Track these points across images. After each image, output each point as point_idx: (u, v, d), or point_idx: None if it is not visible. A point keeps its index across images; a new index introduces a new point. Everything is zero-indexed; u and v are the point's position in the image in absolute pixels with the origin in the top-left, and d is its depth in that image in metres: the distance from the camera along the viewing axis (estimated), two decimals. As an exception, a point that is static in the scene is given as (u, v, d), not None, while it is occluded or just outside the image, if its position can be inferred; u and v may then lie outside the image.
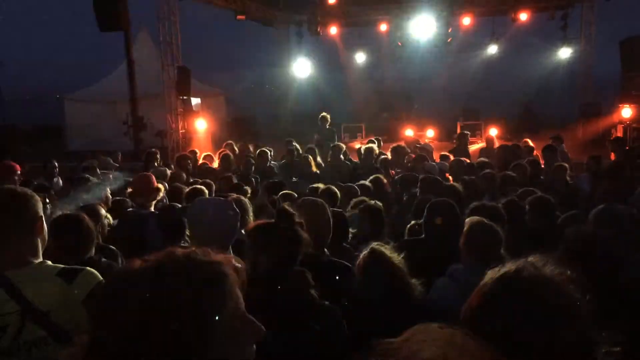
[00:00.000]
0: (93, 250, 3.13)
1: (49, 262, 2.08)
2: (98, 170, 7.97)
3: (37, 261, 2.04)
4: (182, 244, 3.66)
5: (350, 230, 4.01)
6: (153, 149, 10.11)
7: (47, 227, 2.21)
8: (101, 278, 2.05)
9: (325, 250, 3.10)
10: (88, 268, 2.09)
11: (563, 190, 6.28)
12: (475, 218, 3.13)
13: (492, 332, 1.07)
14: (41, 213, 2.12)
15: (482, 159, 8.38)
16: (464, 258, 2.98)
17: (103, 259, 3.17)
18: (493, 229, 2.98)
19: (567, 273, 1.10)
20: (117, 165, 9.32)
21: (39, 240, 2.09)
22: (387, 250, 2.82)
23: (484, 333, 1.08)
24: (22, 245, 2.02)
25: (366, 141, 11.71)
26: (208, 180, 6.62)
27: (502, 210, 4.05)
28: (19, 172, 6.48)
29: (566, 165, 7.14)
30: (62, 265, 2.07)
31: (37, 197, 2.14)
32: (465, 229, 3.04)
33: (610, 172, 6.92)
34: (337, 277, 2.84)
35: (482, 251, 2.84)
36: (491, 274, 1.15)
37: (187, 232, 3.52)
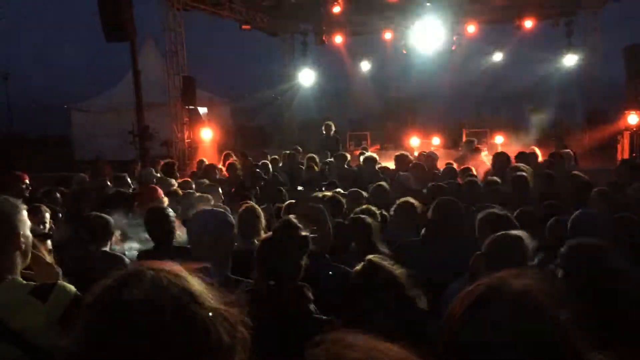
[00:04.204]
0: None
1: (21, 280, 2.01)
2: (129, 180, 7.87)
3: (10, 277, 1.97)
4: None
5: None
6: (172, 160, 10.24)
7: None
8: (74, 291, 1.97)
9: (327, 256, 3.10)
10: (59, 283, 2.01)
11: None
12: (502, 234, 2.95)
13: (471, 349, 1.07)
14: (22, 229, 2.03)
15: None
16: (483, 266, 2.81)
17: None
18: (522, 242, 2.80)
19: (546, 285, 1.09)
20: (158, 175, 9.09)
21: (18, 256, 2.01)
22: (385, 261, 2.70)
23: (463, 351, 1.08)
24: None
25: (358, 151, 11.83)
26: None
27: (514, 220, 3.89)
28: (27, 181, 6.49)
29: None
30: (34, 283, 2.00)
31: (20, 211, 2.06)
32: (491, 239, 2.88)
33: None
34: (331, 272, 2.81)
35: (504, 264, 2.67)
36: (465, 293, 1.14)
37: (178, 233, 3.55)
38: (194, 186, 7.20)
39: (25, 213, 2.09)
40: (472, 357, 1.07)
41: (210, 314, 0.95)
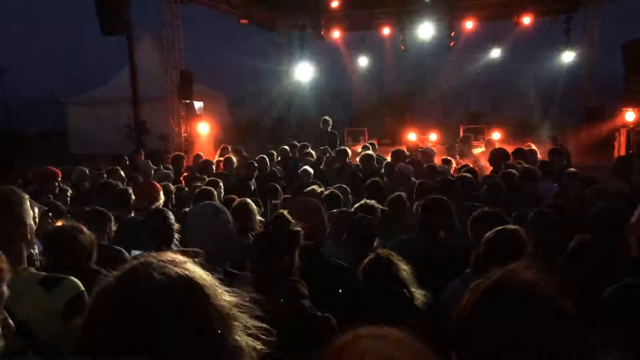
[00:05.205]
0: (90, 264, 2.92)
1: (32, 269, 2.03)
2: (122, 173, 7.88)
3: (20, 267, 1.98)
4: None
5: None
6: (181, 153, 10.24)
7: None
8: (83, 289, 1.99)
9: (322, 249, 3.10)
10: (71, 278, 2.03)
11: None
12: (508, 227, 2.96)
13: (484, 346, 1.07)
14: (27, 219, 2.08)
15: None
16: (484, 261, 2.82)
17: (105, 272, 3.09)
18: (519, 235, 2.84)
19: (550, 277, 1.11)
20: (155, 168, 8.94)
21: (24, 246, 2.05)
22: (393, 256, 2.80)
23: (476, 348, 1.09)
24: (8, 250, 1.95)
25: (360, 146, 11.78)
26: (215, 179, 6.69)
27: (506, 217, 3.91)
28: (59, 178, 6.49)
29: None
30: (45, 274, 2.01)
31: (25, 202, 2.09)
32: (489, 235, 2.89)
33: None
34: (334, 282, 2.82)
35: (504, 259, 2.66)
36: (475, 286, 1.16)
37: (177, 237, 3.51)
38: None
39: (28, 203, 2.13)
40: (485, 348, 1.08)
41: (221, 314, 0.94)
